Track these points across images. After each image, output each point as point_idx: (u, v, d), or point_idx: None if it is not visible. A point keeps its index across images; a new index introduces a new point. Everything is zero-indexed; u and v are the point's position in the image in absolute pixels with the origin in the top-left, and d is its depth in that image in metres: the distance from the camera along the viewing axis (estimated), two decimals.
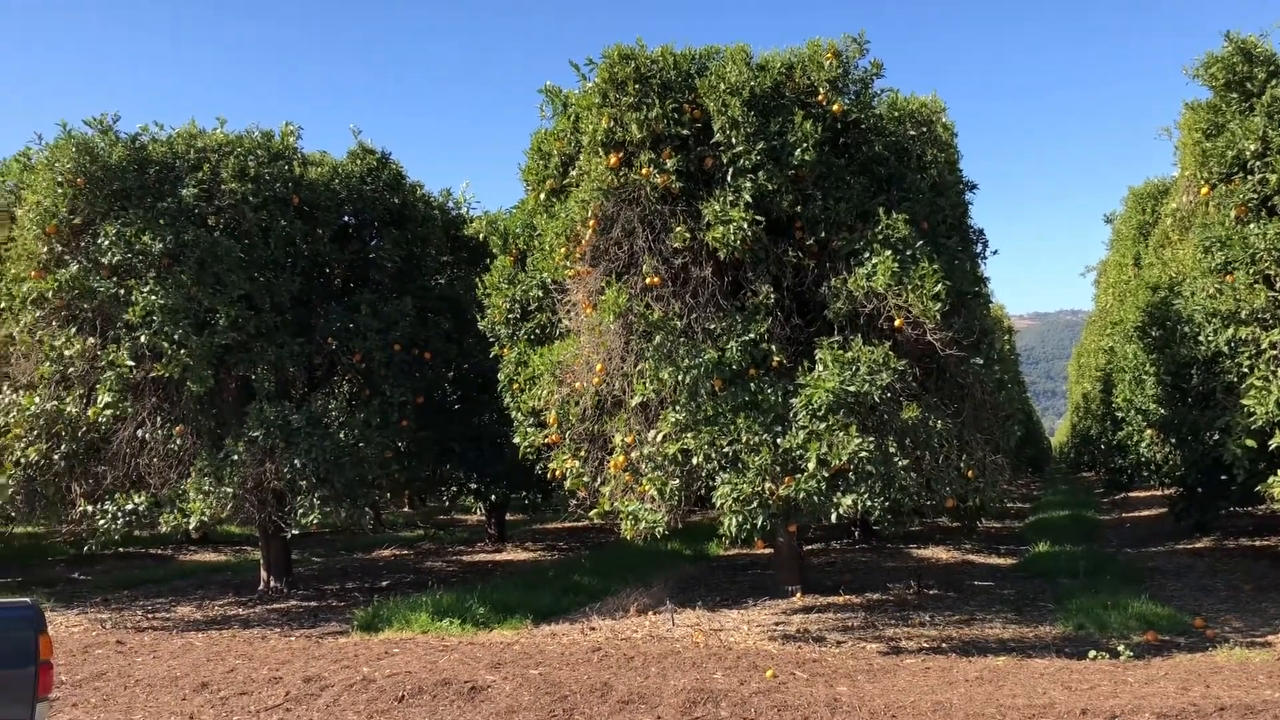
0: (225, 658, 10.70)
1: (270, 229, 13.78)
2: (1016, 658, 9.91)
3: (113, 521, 13.04)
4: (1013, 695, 8.25)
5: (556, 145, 12.41)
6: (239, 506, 13.09)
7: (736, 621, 12.20)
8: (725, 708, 8.15)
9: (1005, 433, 11.70)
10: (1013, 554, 18.28)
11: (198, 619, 13.84)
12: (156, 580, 18.08)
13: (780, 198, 10.70)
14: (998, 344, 11.48)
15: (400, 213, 15.85)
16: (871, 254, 10.52)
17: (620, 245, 11.17)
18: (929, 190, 11.39)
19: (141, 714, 8.71)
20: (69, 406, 12.91)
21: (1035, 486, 41.21)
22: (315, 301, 14.97)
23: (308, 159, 15.06)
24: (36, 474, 13.09)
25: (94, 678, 9.90)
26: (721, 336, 10.67)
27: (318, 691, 8.99)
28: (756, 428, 10.25)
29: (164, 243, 12.75)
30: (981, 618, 12.03)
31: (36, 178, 13.19)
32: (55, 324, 13.19)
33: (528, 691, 8.70)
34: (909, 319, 10.32)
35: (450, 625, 12.08)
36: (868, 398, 9.96)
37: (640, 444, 10.93)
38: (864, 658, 10.03)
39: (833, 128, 11.38)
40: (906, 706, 7.94)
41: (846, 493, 9.93)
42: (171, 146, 13.67)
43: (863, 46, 11.38)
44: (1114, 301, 24.99)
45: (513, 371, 13.35)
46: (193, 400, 13.39)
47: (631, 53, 11.09)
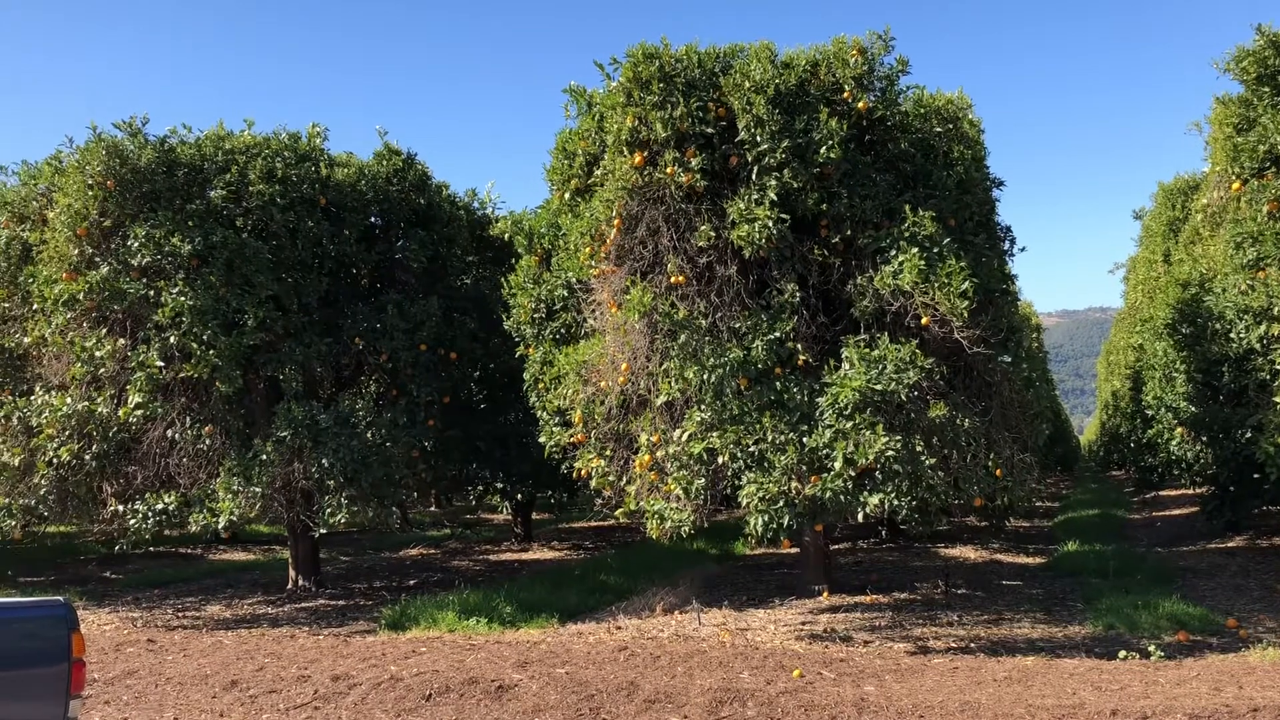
0: (254, 656, 10.77)
1: (298, 230, 13.87)
2: (1046, 658, 9.83)
3: (143, 521, 13.16)
4: (1042, 695, 8.19)
5: (581, 145, 12.42)
6: (267, 506, 13.18)
7: (763, 621, 12.17)
8: (752, 707, 8.14)
9: (1033, 431, 11.61)
10: (1041, 553, 18.14)
11: (227, 617, 13.95)
12: (186, 579, 18.24)
13: (805, 195, 10.67)
14: (1025, 342, 11.40)
15: (426, 213, 15.91)
16: (898, 251, 10.47)
17: (645, 244, 11.16)
18: (955, 187, 11.32)
19: (172, 711, 8.78)
20: (100, 407, 13.03)
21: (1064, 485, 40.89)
22: (342, 302, 15.05)
23: (334, 160, 15.14)
24: (68, 474, 13.22)
25: (126, 675, 10.00)
26: (747, 335, 10.64)
27: (346, 690, 9.04)
28: (782, 426, 10.22)
29: (193, 244, 12.85)
30: (1010, 617, 11.95)
31: (67, 180, 13.33)
32: (86, 325, 13.32)
33: (554, 690, 8.71)
34: (936, 317, 10.26)
35: (477, 624, 12.12)
36: (894, 396, 9.92)
37: (666, 443, 10.92)
38: (891, 657, 9.98)
39: (858, 125, 11.33)
40: (934, 706, 7.90)
41: (873, 492, 9.89)
42: (200, 149, 13.78)
43: (888, 43, 11.33)
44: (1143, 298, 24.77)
45: (538, 371, 13.38)
46: (222, 400, 13.49)
47: (656, 51, 11.08)
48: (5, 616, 5.33)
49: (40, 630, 5.33)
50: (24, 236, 14.36)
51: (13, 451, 13.32)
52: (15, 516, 13.30)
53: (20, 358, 14.16)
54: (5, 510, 13.28)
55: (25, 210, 14.48)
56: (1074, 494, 33.97)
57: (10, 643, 5.21)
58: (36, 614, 5.42)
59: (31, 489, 13.24)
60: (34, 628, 5.33)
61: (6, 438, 13.52)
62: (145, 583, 17.67)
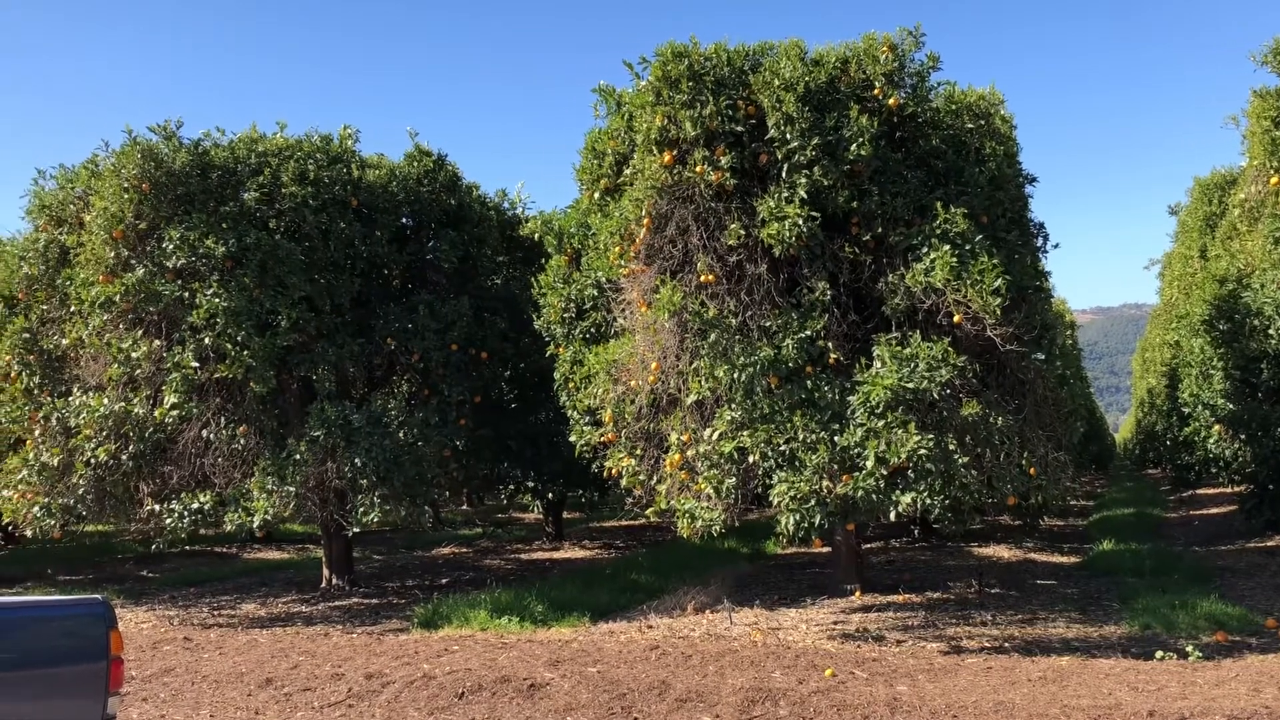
0: (289, 654, 10.86)
1: (330, 231, 13.96)
2: (1081, 658, 9.74)
3: (179, 520, 13.29)
4: (1077, 696, 8.11)
5: (610, 144, 12.43)
6: (301, 505, 13.28)
7: (795, 620, 12.14)
8: (784, 707, 8.12)
9: (1068, 429, 11.51)
10: (1076, 552, 17.98)
11: (262, 616, 14.08)
12: (222, 578, 18.43)
13: (836, 193, 10.63)
14: (1059, 339, 11.30)
15: (457, 214, 15.98)
16: (929, 249, 10.41)
17: (674, 243, 11.16)
18: (988, 184, 11.23)
19: (209, 709, 8.87)
20: (136, 407, 13.18)
21: (1099, 484, 40.50)
22: (374, 302, 15.14)
23: (366, 162, 15.23)
24: (106, 474, 13.38)
25: (163, 673, 10.11)
26: (777, 334, 10.61)
27: (379, 688, 9.10)
28: (813, 425, 10.19)
29: (226, 246, 12.97)
30: (1044, 617, 11.85)
31: (104, 184, 13.48)
32: (123, 327, 13.47)
33: (586, 689, 8.73)
34: (968, 314, 10.19)
35: (509, 623, 12.16)
36: (927, 394, 9.86)
37: (696, 442, 10.91)
38: (924, 657, 9.92)
39: (889, 122, 11.27)
40: (968, 706, 7.85)
41: (905, 491, 9.83)
42: (233, 151, 13.90)
43: (919, 39, 11.26)
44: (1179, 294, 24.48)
45: (568, 370, 13.40)
46: (255, 400, 13.61)
47: (685, 50, 11.07)
48: (45, 615, 5.40)
49: (79, 628, 5.39)
50: (62, 239, 14.55)
51: (52, 452, 13.50)
52: (54, 516, 13.47)
53: (59, 359, 14.34)
54: (45, 509, 13.45)
55: (63, 213, 14.67)
56: (1109, 492, 33.65)
57: (50, 640, 5.28)
58: (76, 612, 5.49)
59: (70, 489, 13.41)
60: (73, 626, 5.40)
61: (46, 438, 13.70)
62: (181, 581, 17.86)
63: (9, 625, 5.16)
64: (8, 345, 14.40)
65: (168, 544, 14.14)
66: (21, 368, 14.32)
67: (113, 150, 13.89)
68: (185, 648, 11.53)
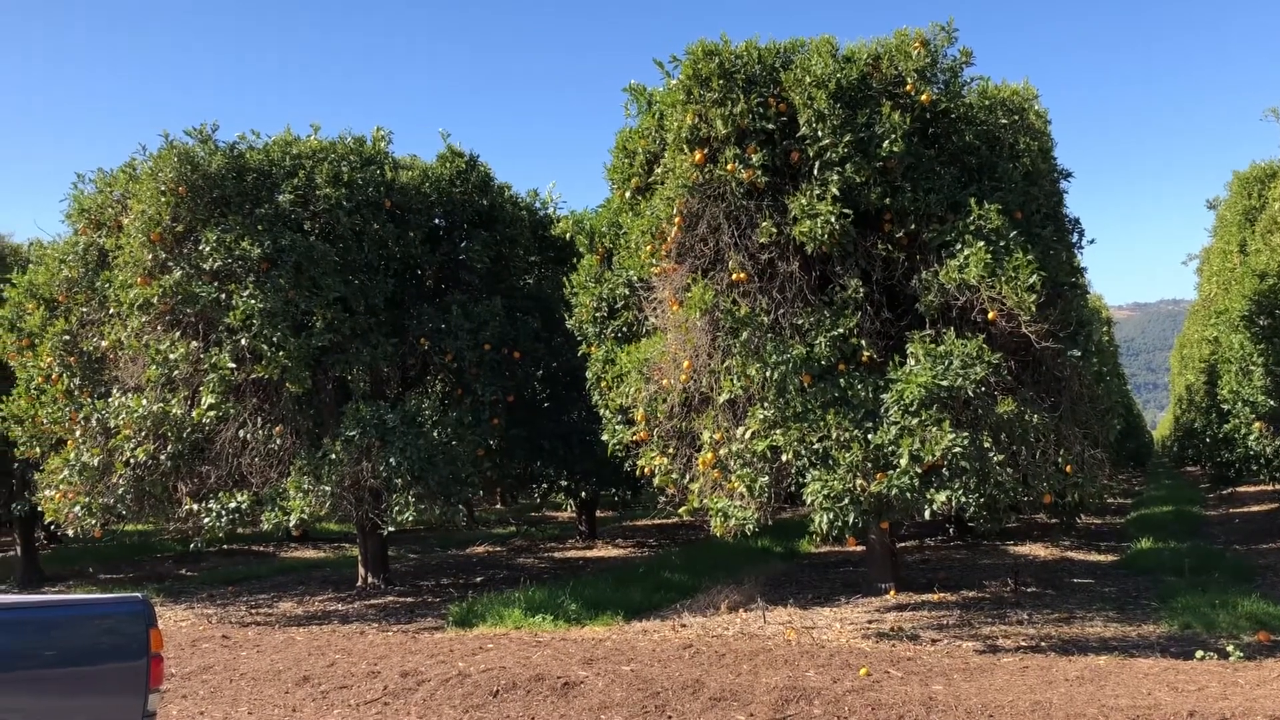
0: (325, 652, 10.96)
1: (364, 232, 14.05)
2: (1119, 657, 9.64)
3: (217, 519, 13.43)
4: (1115, 696, 8.03)
5: (641, 143, 12.43)
6: (337, 504, 13.38)
7: (829, 619, 12.10)
8: (818, 706, 8.09)
9: (1104, 426, 11.39)
10: (1114, 551, 17.79)
11: (299, 614, 14.21)
12: (259, 576, 18.62)
13: (868, 190, 10.57)
14: (1096, 335, 11.18)
15: (489, 214, 16.04)
16: (963, 245, 10.33)
17: (706, 241, 11.14)
18: (1022, 179, 11.13)
19: (247, 706, 8.97)
20: (174, 408, 13.32)
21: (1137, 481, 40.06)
22: (408, 303, 15.23)
23: (399, 163, 15.32)
24: (145, 473, 13.54)
25: (201, 671, 10.23)
26: (810, 332, 10.58)
27: (415, 686, 9.16)
28: (847, 424, 10.14)
29: (262, 248, 13.09)
30: (1082, 616, 11.74)
31: (141, 187, 13.63)
32: (161, 328, 13.62)
33: (620, 688, 8.74)
34: (1003, 311, 10.11)
35: (543, 621, 12.20)
36: (961, 392, 9.80)
37: (729, 441, 10.89)
38: (960, 656, 9.86)
39: (921, 118, 11.20)
40: (1004, 706, 7.79)
41: (940, 489, 9.77)
42: (268, 154, 14.02)
43: (951, 35, 11.18)
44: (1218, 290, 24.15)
45: (600, 369, 13.42)
46: (291, 401, 13.73)
47: (715, 48, 11.05)
48: (87, 613, 5.48)
49: (120, 626, 5.47)
50: (101, 242, 14.73)
51: (92, 452, 13.68)
52: (95, 515, 13.65)
53: (98, 361, 14.53)
54: (85, 509, 13.63)
55: (102, 217, 14.85)
56: (1147, 490, 33.28)
57: (92, 639, 5.36)
58: (116, 610, 5.56)
59: (110, 488, 13.59)
60: (114, 624, 5.48)
61: (86, 439, 13.89)
62: (219, 580, 18.06)
63: (52, 624, 5.24)
64: (49, 347, 14.61)
65: (206, 543, 14.29)
66: (62, 369, 14.52)
67: (150, 154, 14.05)
68: (223, 645, 11.66)
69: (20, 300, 15.32)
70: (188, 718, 8.66)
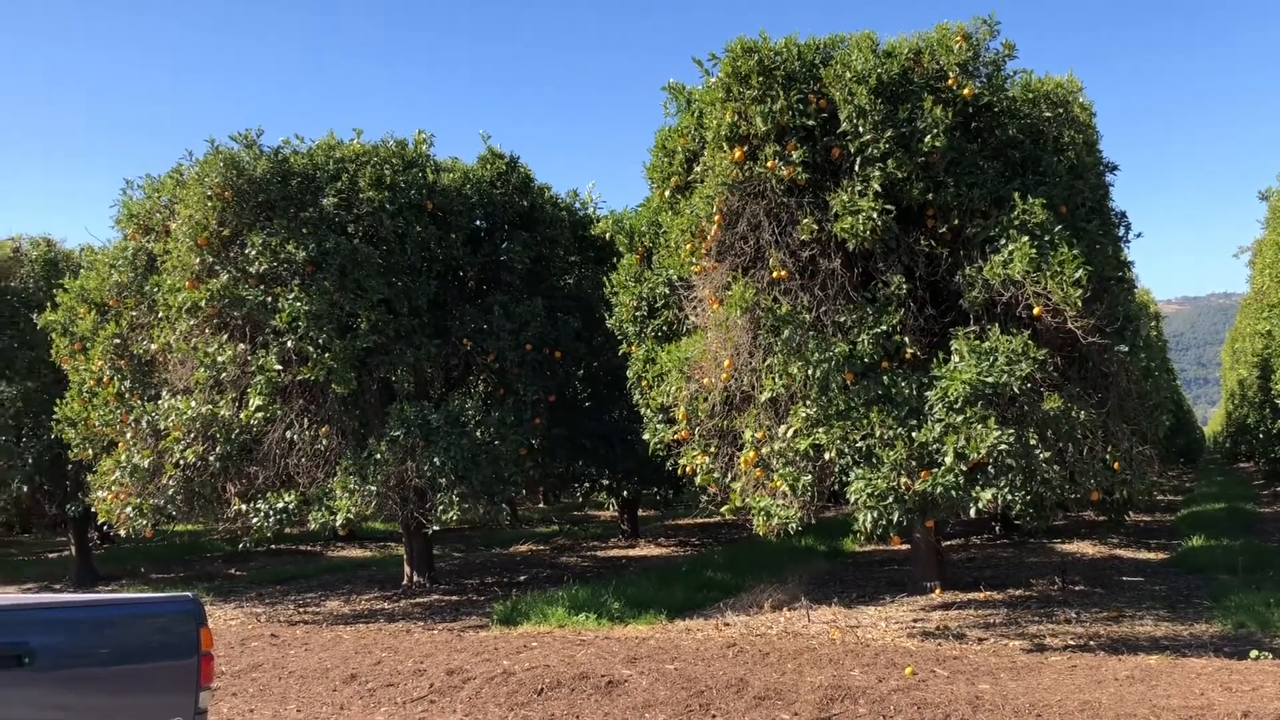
0: (372, 650, 11.07)
1: (406, 235, 14.16)
2: (1170, 656, 9.50)
3: (265, 519, 13.60)
4: (1167, 696, 7.92)
5: (680, 142, 12.42)
6: (382, 504, 13.50)
7: (873, 618, 12.03)
8: (863, 705, 8.05)
9: (1153, 422, 11.23)
10: (1164, 549, 17.53)
11: (345, 613, 14.36)
12: (306, 575, 18.83)
13: (910, 185, 10.50)
14: (1143, 330, 11.03)
15: (529, 215, 16.11)
16: (1007, 240, 10.23)
17: (746, 239, 11.11)
18: (1067, 173, 11.00)
19: (295, 704, 9.08)
20: (222, 410, 13.50)
21: (1187, 478, 39.45)
22: (450, 304, 15.33)
23: (440, 165, 15.42)
24: (194, 474, 13.74)
25: (251, 669, 10.37)
26: (852, 329, 10.52)
27: (460, 684, 9.22)
28: (890, 421, 10.08)
29: (307, 251, 13.23)
30: (1131, 614, 11.58)
31: (188, 192, 13.82)
32: (208, 331, 13.80)
33: (664, 686, 8.75)
34: (1048, 306, 10.00)
35: (586, 620, 12.24)
36: (1006, 389, 9.70)
37: (771, 439, 10.86)
38: (1007, 655, 9.77)
39: (963, 112, 11.10)
40: (1052, 706, 7.71)
41: (986, 487, 9.68)
42: (311, 158, 14.17)
43: (993, 28, 11.07)
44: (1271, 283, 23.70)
45: (641, 369, 13.43)
46: (337, 402, 13.87)
47: (755, 45, 11.02)
48: (139, 612, 5.58)
49: (171, 625, 5.55)
50: (149, 247, 14.96)
51: (143, 454, 13.90)
52: (146, 516, 13.87)
53: (148, 364, 14.75)
54: (137, 510, 13.86)
55: (150, 222, 15.08)
56: (1198, 487, 32.75)
57: (144, 637, 5.44)
58: (167, 609, 5.65)
59: (160, 489, 13.80)
60: (165, 623, 5.56)
61: (136, 440, 14.12)
62: (268, 579, 18.29)
63: (106, 623, 5.33)
64: (100, 351, 14.86)
65: (254, 543, 14.48)
66: (113, 372, 14.77)
67: (196, 159, 14.24)
68: (272, 644, 11.81)
69: (72, 305, 15.60)
70: (238, 715, 8.78)
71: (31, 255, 18.84)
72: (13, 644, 4.75)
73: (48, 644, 4.90)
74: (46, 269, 18.50)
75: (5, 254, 18.62)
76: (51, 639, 4.94)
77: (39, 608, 5.21)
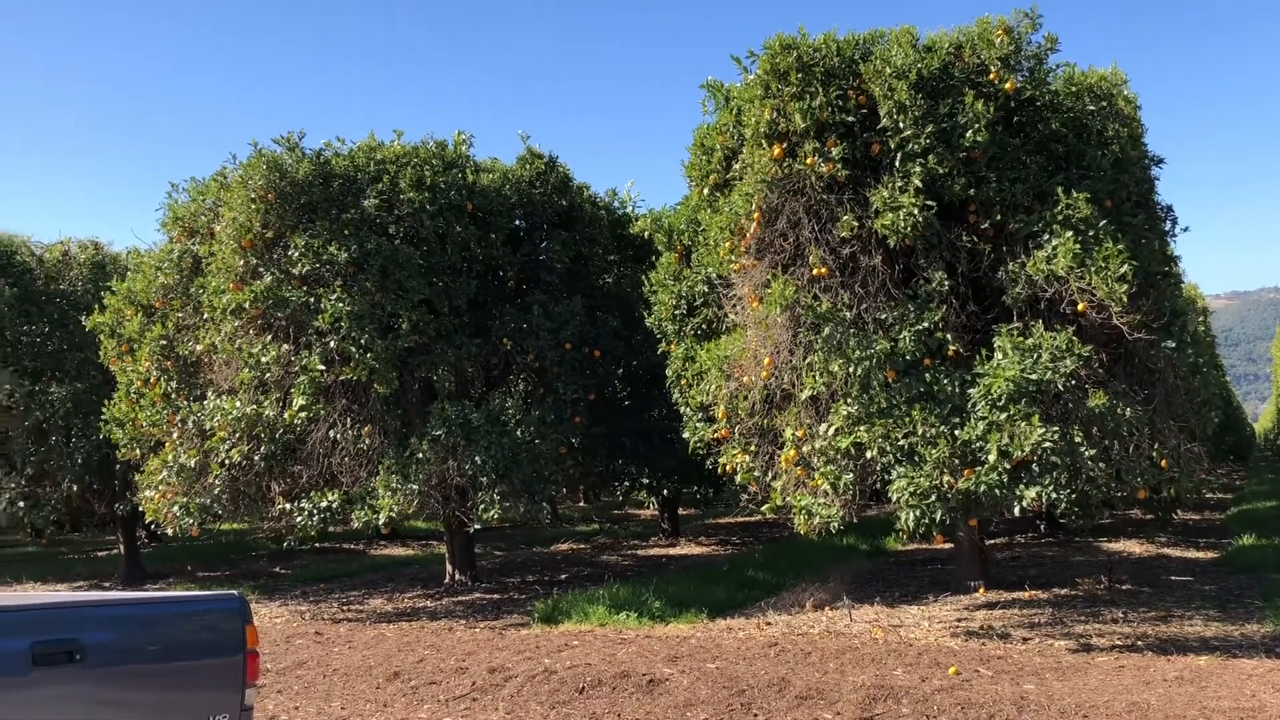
0: (415, 648, 11.15)
1: (447, 235, 14.25)
2: (1220, 657, 9.35)
3: (309, 518, 13.73)
4: (1217, 697, 7.79)
5: (719, 140, 12.39)
6: (424, 502, 13.58)
7: (916, 618, 11.94)
8: (906, 705, 7.99)
9: (1202, 419, 11.05)
10: (1213, 547, 17.26)
11: (388, 611, 14.47)
12: (350, 573, 19.00)
13: (952, 181, 10.40)
14: (1191, 325, 10.85)
15: (568, 214, 16.15)
16: (1051, 235, 10.11)
17: (785, 237, 11.06)
18: (1111, 167, 10.85)
19: (340, 701, 9.16)
20: (267, 410, 13.65)
21: (1237, 476, 38.80)
22: (490, 303, 15.40)
23: (479, 166, 15.49)
24: (239, 474, 13.90)
25: (295, 666, 10.48)
26: (893, 326, 10.45)
27: (502, 682, 9.27)
28: (933, 419, 10.00)
29: (349, 252, 13.34)
30: (1180, 614, 11.40)
31: (232, 195, 13.98)
32: (253, 332, 13.95)
33: (705, 685, 8.74)
34: (1093, 302, 9.87)
35: (627, 618, 12.25)
36: (1050, 386, 9.59)
37: (811, 438, 10.81)
38: (1052, 655, 9.66)
39: (1005, 106, 10.98)
40: (1099, 706, 7.61)
41: (1030, 485, 9.58)
42: (353, 160, 14.28)
43: (1035, 21, 10.94)
44: None
45: (680, 367, 13.42)
46: (379, 401, 13.97)
47: (793, 42, 10.97)
48: (186, 610, 5.65)
49: (217, 623, 5.62)
50: (194, 249, 15.15)
51: (189, 453, 14.09)
52: (193, 514, 14.05)
53: (194, 364, 14.94)
54: (183, 509, 14.04)
55: (195, 225, 15.28)
56: (1249, 485, 32.20)
57: (191, 635, 5.52)
58: (213, 607, 5.72)
59: (206, 489, 13.97)
60: (211, 620, 5.63)
61: (183, 440, 14.31)
62: (312, 577, 18.47)
63: (154, 620, 5.41)
64: (147, 352, 15.07)
65: (298, 541, 14.64)
66: (160, 373, 14.97)
67: (240, 163, 14.39)
68: (316, 641, 11.93)
69: (120, 307, 15.84)
70: (283, 712, 8.88)
71: (80, 258, 19.15)
72: (64, 641, 4.84)
73: (98, 641, 4.98)
74: (94, 272, 18.80)
75: (54, 257, 18.95)
76: (101, 636, 5.02)
77: (89, 605, 5.30)
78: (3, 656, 4.60)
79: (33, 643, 4.71)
